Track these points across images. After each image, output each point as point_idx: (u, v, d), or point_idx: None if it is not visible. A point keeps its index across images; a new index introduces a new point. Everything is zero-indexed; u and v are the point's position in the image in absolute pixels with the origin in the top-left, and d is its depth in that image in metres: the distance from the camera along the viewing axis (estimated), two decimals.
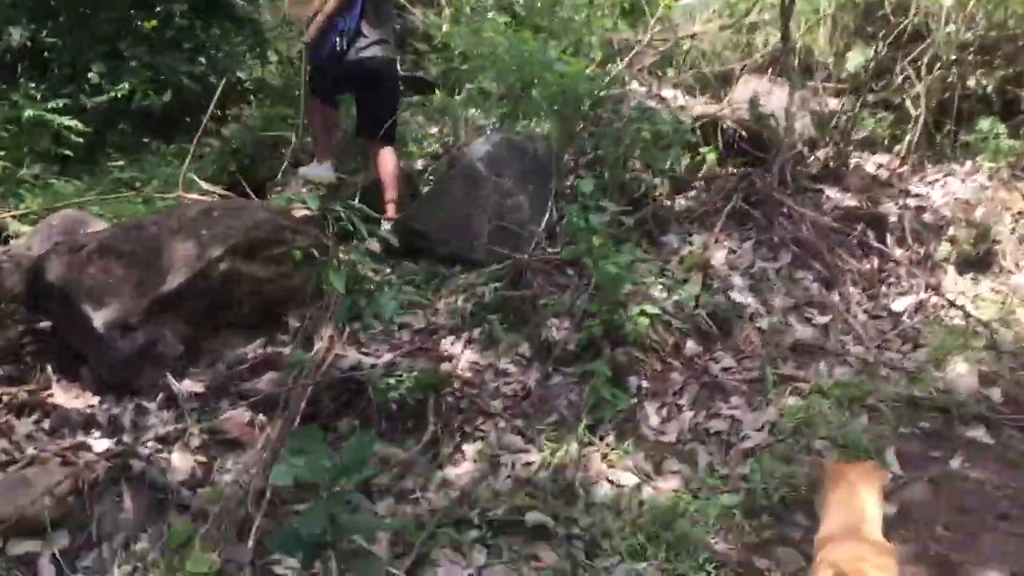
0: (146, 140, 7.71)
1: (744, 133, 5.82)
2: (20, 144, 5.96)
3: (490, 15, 7.88)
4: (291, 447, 2.54)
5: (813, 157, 5.91)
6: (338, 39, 5.00)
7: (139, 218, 4.19)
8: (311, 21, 5.06)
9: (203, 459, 3.32)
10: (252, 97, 8.11)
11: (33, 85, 7.83)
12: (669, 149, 4.91)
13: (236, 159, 6.48)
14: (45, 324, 4.07)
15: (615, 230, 4.50)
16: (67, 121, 6.26)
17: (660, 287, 4.38)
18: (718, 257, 4.86)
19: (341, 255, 3.50)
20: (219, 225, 3.89)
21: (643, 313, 3.85)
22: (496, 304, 4.43)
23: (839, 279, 4.88)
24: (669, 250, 4.91)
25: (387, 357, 3.94)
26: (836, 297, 4.80)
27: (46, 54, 8.39)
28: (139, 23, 8.07)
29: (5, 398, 3.66)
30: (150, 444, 3.36)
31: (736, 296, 4.56)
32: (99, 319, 3.65)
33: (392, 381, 3.53)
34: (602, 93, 5.50)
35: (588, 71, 4.96)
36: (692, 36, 6.39)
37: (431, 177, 5.57)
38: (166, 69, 7.95)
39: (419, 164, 5.55)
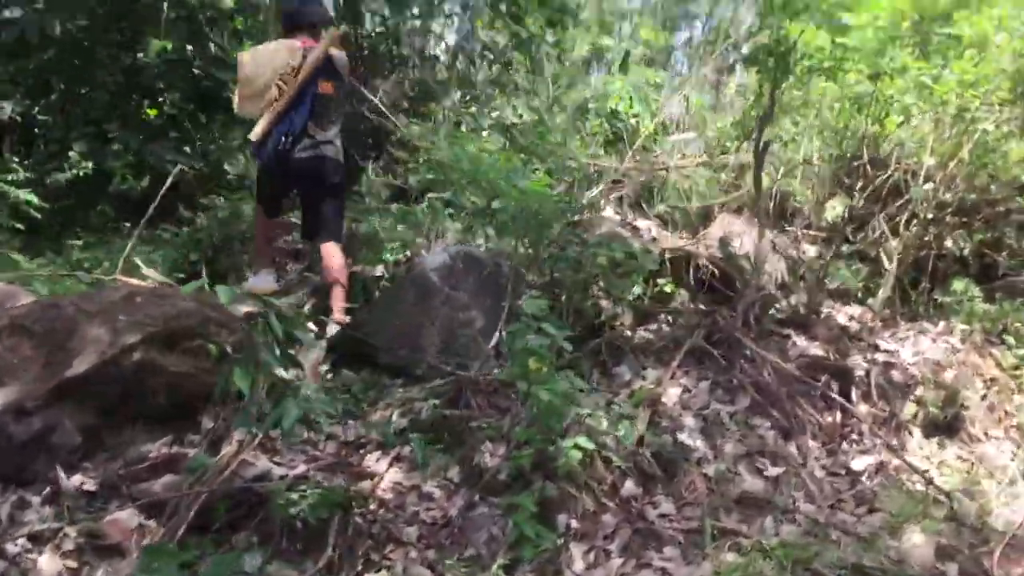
0: (121, 223, 7.64)
1: (716, 271, 5.70)
2: None
3: (485, 133, 7.92)
4: (141, 565, 2.29)
5: (784, 302, 5.76)
6: (283, 138, 5.02)
7: (57, 297, 3.99)
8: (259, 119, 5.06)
9: (74, 564, 3.03)
10: (229, 190, 8.05)
11: (16, 160, 7.83)
12: (629, 277, 4.75)
13: (199, 249, 6.35)
14: None
15: (563, 355, 4.33)
16: (25, 195, 6.15)
17: (604, 420, 4.15)
18: (671, 394, 4.65)
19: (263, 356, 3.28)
20: (140, 312, 3.69)
21: (577, 447, 3.61)
22: (432, 422, 4.20)
23: (798, 430, 4.64)
24: (620, 382, 4.71)
25: (301, 469, 3.68)
26: (793, 449, 4.56)
27: (36, 130, 8.43)
28: (131, 107, 8.09)
29: None
30: (20, 542, 3.07)
31: (684, 438, 4.32)
32: None
33: (296, 496, 3.26)
34: (574, 216, 5.43)
35: (553, 193, 4.86)
36: (666, 169, 6.34)
37: (387, 284, 5.42)
38: (152, 155, 7.93)
39: (378, 270, 5.41)
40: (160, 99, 8.18)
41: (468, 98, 10.21)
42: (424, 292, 4.80)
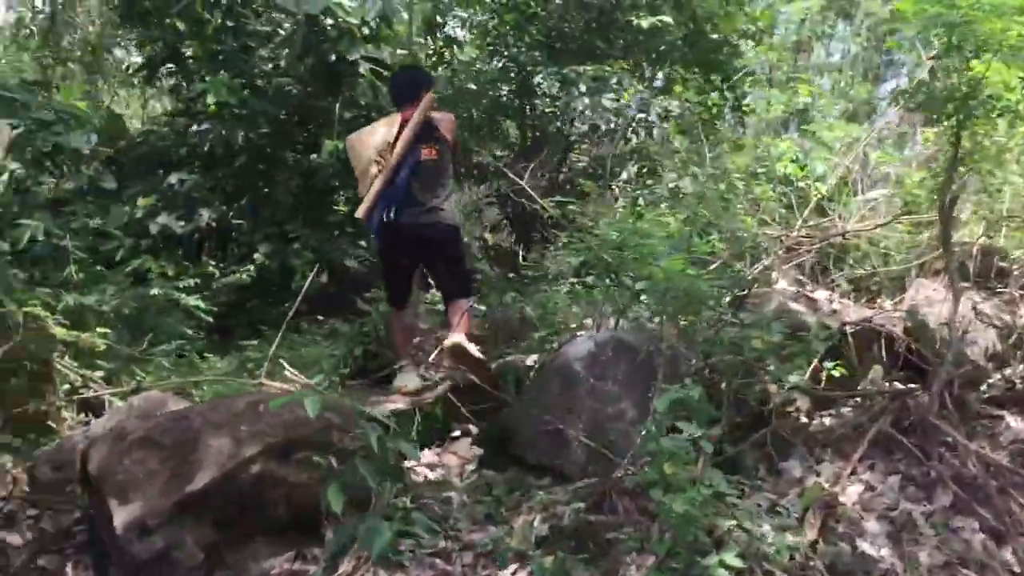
0: (301, 320, 7.87)
1: (910, 345, 5.05)
2: (148, 322, 6.07)
3: (664, 206, 7.58)
4: None
5: (995, 377, 5.00)
6: (387, 209, 5.02)
7: (187, 408, 3.99)
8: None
9: None
10: None
11: (212, 263, 8.28)
12: (795, 358, 4.24)
13: (365, 343, 6.37)
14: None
15: (723, 451, 3.89)
16: (193, 301, 6.39)
17: (766, 526, 3.64)
18: (850, 493, 4.04)
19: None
20: (261, 421, 3.61)
21: (723, 564, 3.15)
22: (576, 529, 3.85)
23: (1013, 532, 3.91)
24: (789, 479, 4.16)
25: None
26: (1008, 555, 3.84)
27: (233, 234, 8.88)
28: (310, 207, 8.39)
29: None
30: None
31: (866, 546, 3.71)
32: (120, 517, 3.40)
33: None
34: (736, 292, 4.99)
35: (709, 268, 4.43)
36: (843, 234, 5.73)
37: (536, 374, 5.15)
38: (331, 251, 8.17)
39: (531, 359, 5.14)
40: (335, 196, 8.43)
41: (645, 170, 9.95)
42: (568, 383, 4.49)
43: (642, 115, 10.37)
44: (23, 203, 8.18)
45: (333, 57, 8.03)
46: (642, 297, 4.52)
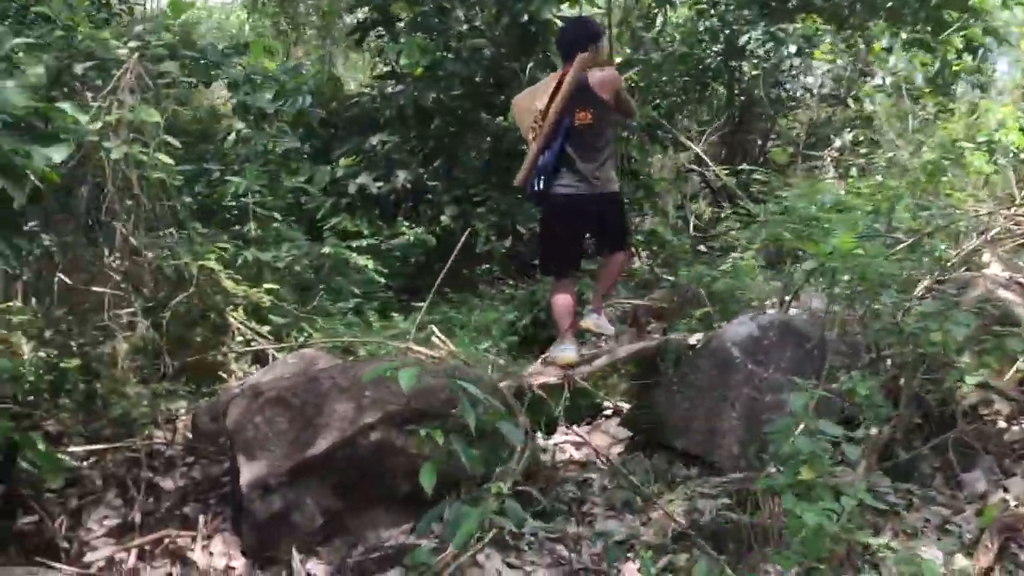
0: (478, 285, 7.86)
1: None
2: (322, 279, 6.19)
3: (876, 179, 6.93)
4: None
5: None
6: (539, 177, 4.68)
7: (320, 370, 3.97)
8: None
9: None
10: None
11: (406, 223, 8.42)
12: (991, 354, 3.67)
13: (534, 311, 6.23)
14: None
15: (894, 455, 3.44)
16: (363, 260, 6.44)
17: (934, 548, 3.18)
18: None
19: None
20: (386, 388, 3.53)
21: None
22: (716, 526, 3.55)
23: None
24: (971, 493, 3.62)
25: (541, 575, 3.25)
26: None
27: (429, 196, 8.97)
28: (496, 172, 8.33)
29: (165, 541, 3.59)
30: None
31: None
32: (245, 475, 3.45)
33: None
34: (935, 275, 4.44)
35: (877, 249, 3.89)
36: None
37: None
38: (516, 216, 8.10)
39: (693, 338, 4.78)
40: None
41: (862, 139, 9.16)
42: (723, 368, 4.13)
43: (864, 79, 9.57)
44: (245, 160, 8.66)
45: (526, 17, 7.85)
46: (814, 278, 4.07)
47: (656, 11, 11.01)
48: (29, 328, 4.92)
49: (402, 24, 8.85)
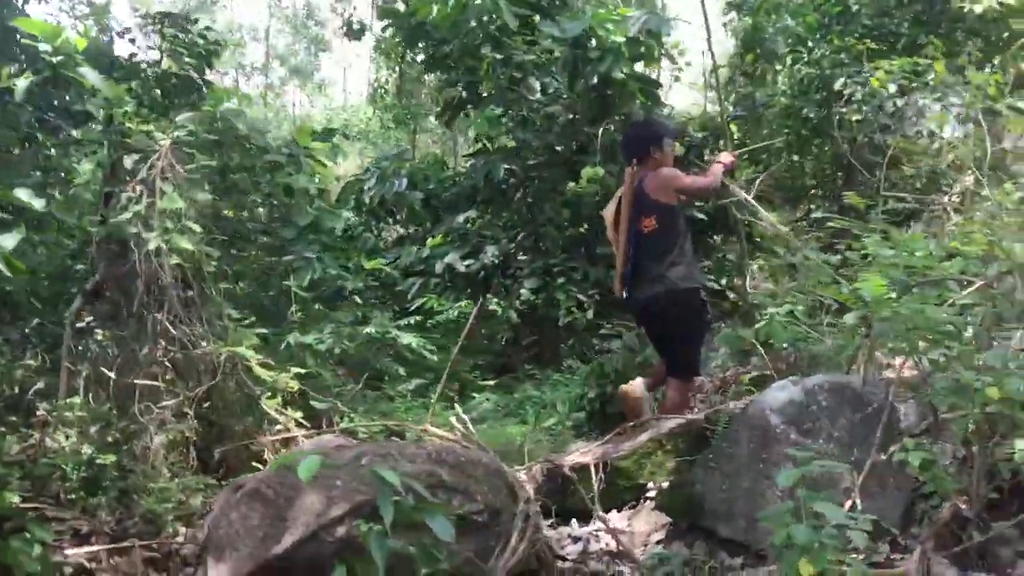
0: (561, 357, 7.47)
1: None
2: (370, 361, 5.96)
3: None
4: None
5: None
6: (624, 287, 4.97)
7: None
8: None
9: None
10: None
11: (495, 300, 8.20)
12: None
13: (600, 386, 5.78)
14: None
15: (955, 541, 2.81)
16: (408, 339, 6.16)
17: None
18: None
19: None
20: (357, 476, 3.20)
21: None
22: None
23: None
24: None
25: None
26: None
27: (520, 269, 8.74)
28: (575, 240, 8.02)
29: None
30: None
31: None
32: None
33: None
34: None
35: (929, 297, 3.26)
36: None
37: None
38: (598, 283, 7.74)
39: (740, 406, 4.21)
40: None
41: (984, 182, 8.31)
42: (764, 440, 3.57)
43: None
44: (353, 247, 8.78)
45: (595, 80, 7.58)
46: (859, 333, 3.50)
47: (760, 66, 10.55)
48: (80, 424, 4.90)
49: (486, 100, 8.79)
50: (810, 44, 9.29)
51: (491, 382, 7.16)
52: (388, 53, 17.18)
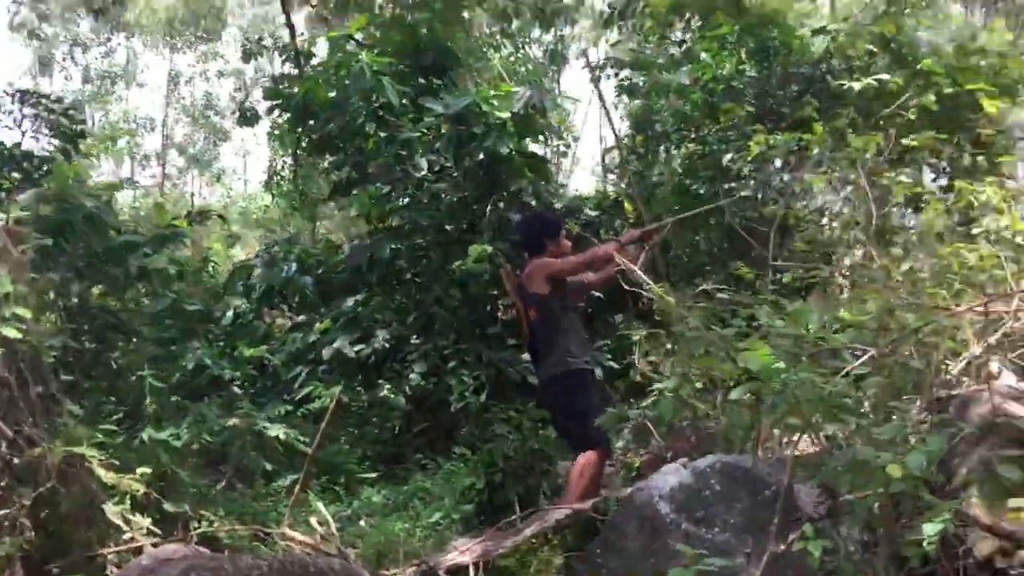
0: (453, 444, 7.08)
1: None
2: (235, 455, 5.47)
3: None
4: None
5: None
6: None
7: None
8: None
9: None
10: None
11: (388, 385, 7.78)
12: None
13: (489, 475, 5.39)
14: None
15: None
16: (276, 430, 5.70)
17: None
18: None
19: None
20: None
21: None
22: None
23: None
24: None
25: None
26: None
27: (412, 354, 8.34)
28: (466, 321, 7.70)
29: None
30: None
31: None
32: None
33: None
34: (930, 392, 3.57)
35: (809, 369, 3.02)
36: None
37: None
38: (493, 364, 7.40)
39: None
40: (493, 304, 7.67)
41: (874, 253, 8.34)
42: (653, 531, 3.25)
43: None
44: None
45: (482, 156, 7.38)
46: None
47: (651, 147, 10.52)
48: None
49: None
50: (696, 123, 9.32)
51: (378, 474, 6.70)
52: (281, 138, 16.87)
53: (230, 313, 9.13)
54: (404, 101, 7.86)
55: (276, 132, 16.77)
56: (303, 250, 10.04)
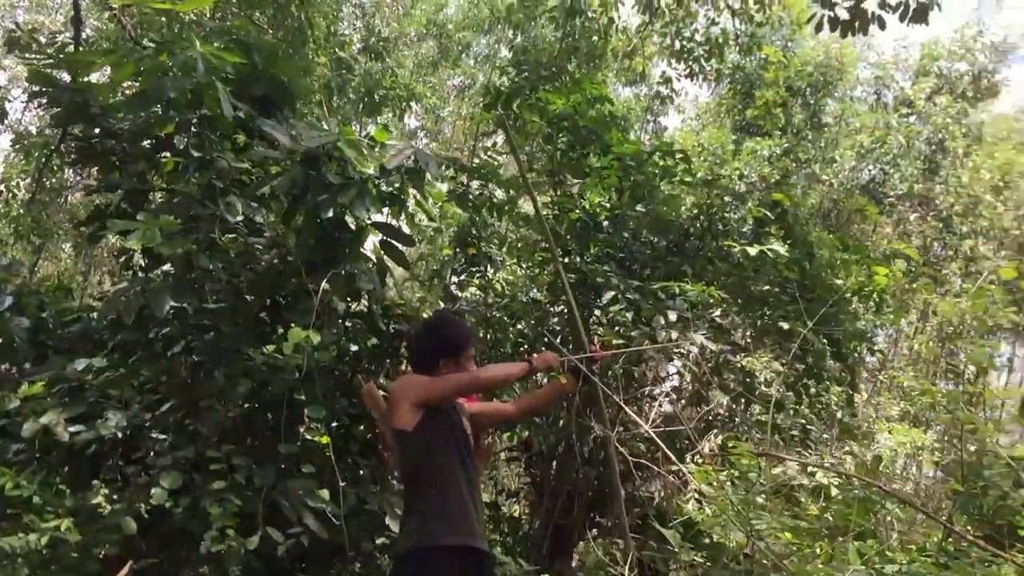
0: None
1: None
2: None
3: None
4: None
5: None
6: None
7: None
8: None
9: None
10: None
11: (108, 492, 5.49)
12: None
13: None
14: None
15: None
16: None
17: None
18: None
19: None
20: None
21: None
22: None
23: None
24: None
25: None
26: None
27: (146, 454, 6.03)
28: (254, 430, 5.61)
29: None
30: None
31: None
32: None
33: None
34: None
35: None
36: None
37: None
38: (282, 497, 5.32)
39: None
40: (300, 416, 5.62)
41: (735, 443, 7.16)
42: None
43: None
44: None
45: (330, 213, 5.49)
46: None
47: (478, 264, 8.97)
48: None
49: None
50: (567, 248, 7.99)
51: None
52: (29, 151, 13.93)
53: None
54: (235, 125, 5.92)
55: (26, 142, 13.87)
56: (26, 284, 7.53)
